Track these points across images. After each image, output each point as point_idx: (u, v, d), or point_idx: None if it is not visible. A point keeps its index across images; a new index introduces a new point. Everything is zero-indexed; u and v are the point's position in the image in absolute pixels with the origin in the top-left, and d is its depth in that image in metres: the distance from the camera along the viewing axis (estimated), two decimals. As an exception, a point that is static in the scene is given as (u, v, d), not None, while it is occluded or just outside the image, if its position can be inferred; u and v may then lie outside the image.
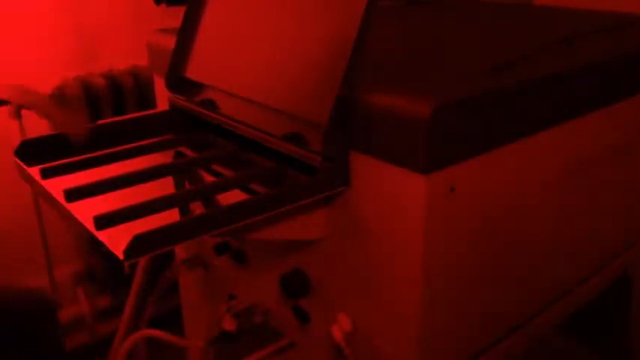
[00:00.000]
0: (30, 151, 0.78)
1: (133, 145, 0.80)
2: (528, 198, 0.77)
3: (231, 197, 0.69)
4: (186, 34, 0.89)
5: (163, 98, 0.94)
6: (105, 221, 0.61)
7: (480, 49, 0.85)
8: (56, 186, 0.70)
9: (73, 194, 0.67)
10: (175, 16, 0.91)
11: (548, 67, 0.76)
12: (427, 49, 0.85)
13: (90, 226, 0.61)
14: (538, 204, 0.80)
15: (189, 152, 0.83)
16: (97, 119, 0.91)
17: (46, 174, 0.73)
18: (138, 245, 0.55)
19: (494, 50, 0.84)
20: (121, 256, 0.55)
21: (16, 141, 0.78)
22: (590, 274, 0.97)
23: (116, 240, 0.57)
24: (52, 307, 1.06)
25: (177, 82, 0.90)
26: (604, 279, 1.01)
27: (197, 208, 0.68)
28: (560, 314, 0.93)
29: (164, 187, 0.73)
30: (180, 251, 1.06)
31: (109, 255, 0.56)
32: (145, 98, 1.50)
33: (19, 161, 0.76)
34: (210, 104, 0.87)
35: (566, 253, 0.90)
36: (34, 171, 0.73)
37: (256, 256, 0.89)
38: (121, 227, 0.61)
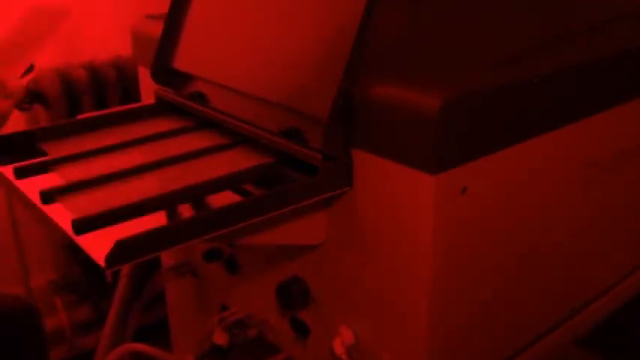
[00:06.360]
0: (2, 148, 0.78)
1: (115, 140, 0.80)
2: (547, 200, 0.77)
3: (224, 198, 0.68)
4: (175, 20, 0.89)
5: (149, 91, 0.94)
6: (84, 225, 0.60)
7: (495, 38, 0.85)
8: (31, 186, 0.69)
9: (50, 195, 0.67)
10: (163, 2, 0.91)
11: (570, 58, 0.76)
12: (436, 38, 0.85)
13: (68, 230, 0.60)
14: (558, 206, 0.80)
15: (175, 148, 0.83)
16: (77, 114, 0.91)
17: (20, 173, 0.73)
18: (121, 252, 0.55)
19: (509, 40, 0.83)
20: (102, 264, 0.54)
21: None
22: (616, 282, 0.97)
23: (97, 246, 0.57)
24: (34, 312, 1.06)
25: (164, 73, 0.89)
26: (630, 288, 1.00)
27: (185, 211, 0.68)
28: (581, 328, 0.93)
29: (149, 186, 0.73)
30: (168, 257, 1.06)
31: (89, 262, 0.56)
32: (129, 91, 1.50)
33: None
34: (200, 97, 0.87)
35: (589, 261, 0.90)
36: (7, 170, 0.73)
37: (250, 263, 0.89)
38: (103, 231, 0.61)
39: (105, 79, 1.49)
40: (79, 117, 0.85)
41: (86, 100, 1.46)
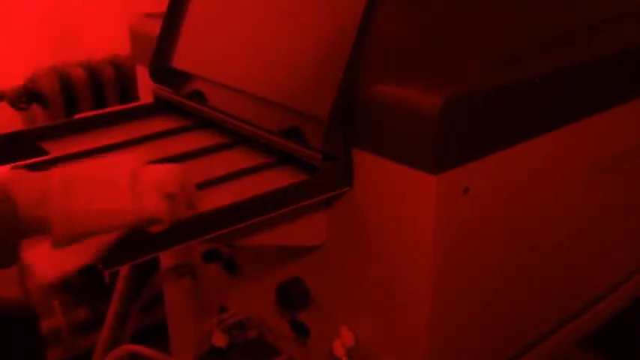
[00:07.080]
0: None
1: (113, 140, 0.80)
2: (548, 200, 0.77)
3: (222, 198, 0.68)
4: (173, 19, 0.88)
5: (147, 90, 0.94)
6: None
7: (495, 38, 0.85)
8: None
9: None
10: (161, 0, 0.91)
11: (570, 58, 0.76)
12: (436, 38, 0.85)
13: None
14: (558, 206, 0.80)
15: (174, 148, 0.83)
16: (74, 113, 0.91)
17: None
18: (119, 252, 0.55)
19: (509, 40, 0.83)
20: (100, 265, 0.54)
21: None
22: (618, 283, 0.97)
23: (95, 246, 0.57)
24: (32, 315, 1.06)
25: (163, 72, 0.89)
26: (632, 289, 1.00)
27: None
28: (583, 329, 0.93)
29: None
30: (166, 258, 1.06)
31: (87, 263, 0.56)
32: (127, 91, 1.50)
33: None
34: (199, 96, 0.87)
35: (590, 261, 0.90)
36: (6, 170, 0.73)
37: (250, 264, 0.89)
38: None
39: (103, 78, 1.48)
40: (77, 116, 0.85)
41: (84, 99, 1.46)
